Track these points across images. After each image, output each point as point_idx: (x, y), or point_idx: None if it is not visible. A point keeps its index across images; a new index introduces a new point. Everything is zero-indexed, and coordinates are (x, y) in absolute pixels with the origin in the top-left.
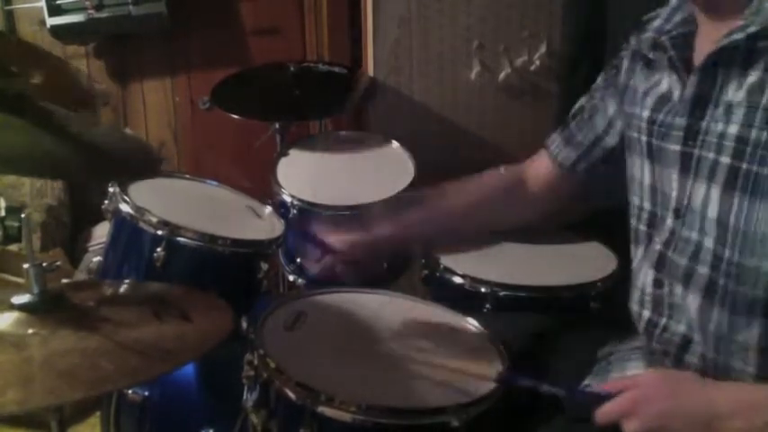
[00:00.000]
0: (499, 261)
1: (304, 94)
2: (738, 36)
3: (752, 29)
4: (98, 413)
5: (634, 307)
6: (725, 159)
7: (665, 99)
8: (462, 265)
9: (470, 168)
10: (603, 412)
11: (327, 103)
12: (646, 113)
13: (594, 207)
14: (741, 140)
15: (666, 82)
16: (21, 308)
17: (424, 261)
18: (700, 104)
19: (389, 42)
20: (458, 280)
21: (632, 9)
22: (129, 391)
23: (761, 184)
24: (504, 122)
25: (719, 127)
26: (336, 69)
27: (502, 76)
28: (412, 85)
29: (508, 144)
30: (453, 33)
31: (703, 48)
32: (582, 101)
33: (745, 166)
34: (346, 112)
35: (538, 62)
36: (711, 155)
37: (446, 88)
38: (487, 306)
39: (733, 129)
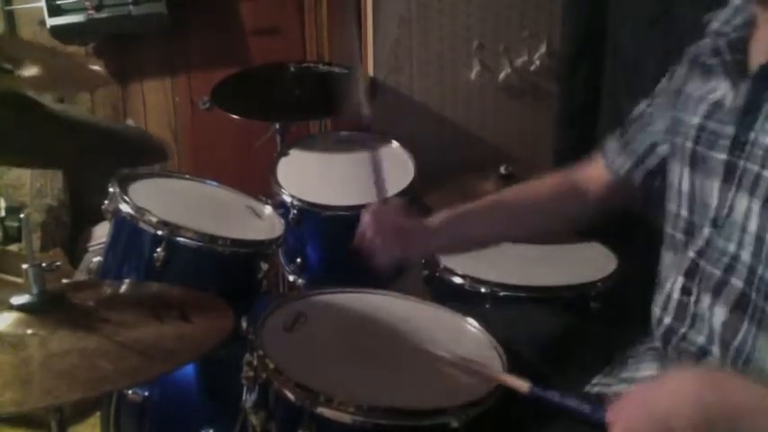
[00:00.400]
0: (499, 261)
1: (304, 94)
2: None
3: None
4: (98, 413)
5: (656, 311)
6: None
7: (718, 106)
8: (462, 265)
9: (470, 168)
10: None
11: (327, 103)
12: (696, 120)
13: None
14: None
15: (721, 88)
16: (20, 308)
17: (424, 261)
18: (750, 114)
19: (389, 42)
20: (458, 280)
21: (632, 9)
22: (129, 391)
23: None
24: (504, 122)
25: (767, 140)
26: (336, 69)
27: (502, 76)
28: (412, 85)
29: (508, 144)
30: (453, 33)
31: (760, 54)
32: (642, 106)
33: None
34: (346, 113)
35: (538, 62)
36: (756, 167)
37: (446, 88)
38: (487, 306)
39: None
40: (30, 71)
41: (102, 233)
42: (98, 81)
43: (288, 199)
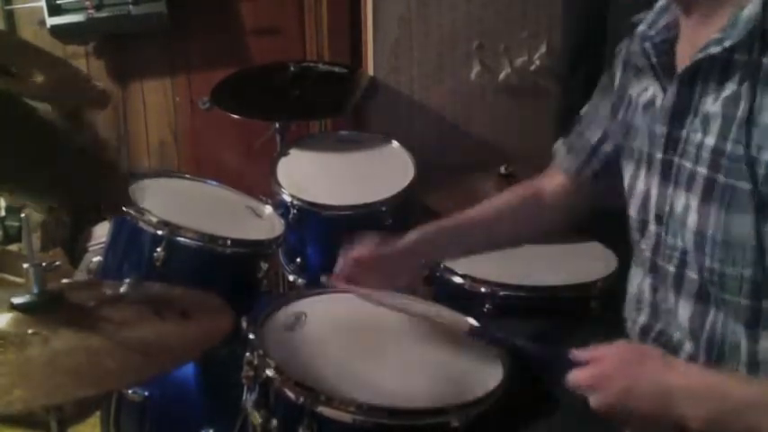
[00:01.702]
0: (499, 261)
1: (304, 94)
2: (714, 49)
3: (728, 42)
4: (98, 413)
5: (630, 313)
6: (702, 170)
7: (650, 106)
8: (462, 265)
9: (470, 168)
10: (571, 380)
11: (327, 103)
12: (640, 121)
13: (594, 207)
14: (717, 152)
15: (651, 89)
16: (21, 308)
17: (424, 261)
18: (679, 113)
19: (389, 42)
20: (458, 280)
21: (632, 9)
22: (129, 391)
23: (737, 196)
24: (504, 122)
25: (698, 137)
26: (336, 69)
27: (502, 76)
28: (412, 85)
29: (508, 144)
30: (453, 33)
31: (685, 55)
32: (583, 109)
33: (721, 178)
34: (346, 113)
35: (538, 62)
36: (689, 164)
37: (446, 88)
38: (487, 306)
39: (710, 140)
40: (35, 78)
41: (102, 233)
42: (101, 101)
43: (288, 199)
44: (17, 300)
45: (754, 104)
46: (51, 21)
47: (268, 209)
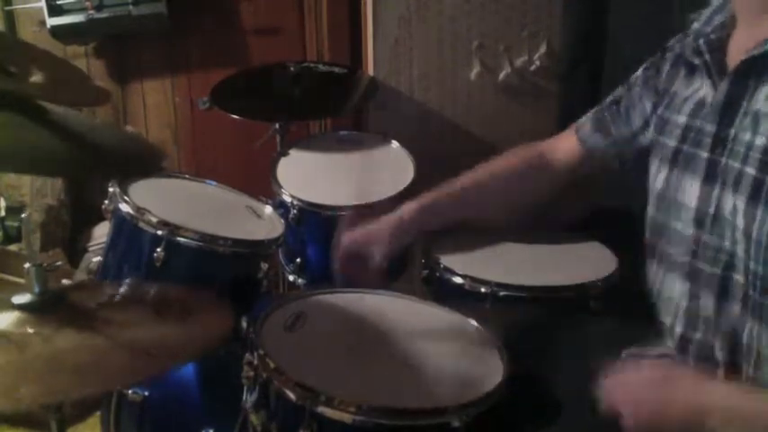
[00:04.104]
0: (499, 261)
1: (304, 94)
2: None
3: None
4: (98, 413)
5: (665, 319)
6: (750, 170)
7: (701, 105)
8: (462, 265)
9: (470, 168)
10: (604, 405)
11: (327, 103)
12: (683, 119)
13: (595, 207)
14: (767, 152)
15: (703, 87)
16: (21, 308)
17: (424, 261)
18: (729, 112)
19: (389, 42)
20: (458, 280)
21: (632, 9)
22: (129, 391)
23: None
24: (504, 122)
25: (747, 136)
26: (336, 69)
27: (502, 76)
28: (412, 84)
29: (508, 144)
30: (453, 33)
31: (738, 54)
32: (619, 91)
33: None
34: (346, 114)
35: (538, 62)
36: (738, 164)
37: (446, 88)
38: (487, 306)
39: (760, 140)
40: (34, 77)
41: (102, 233)
42: (100, 98)
43: (288, 199)
44: (18, 299)
45: None
46: (51, 21)
47: (268, 209)
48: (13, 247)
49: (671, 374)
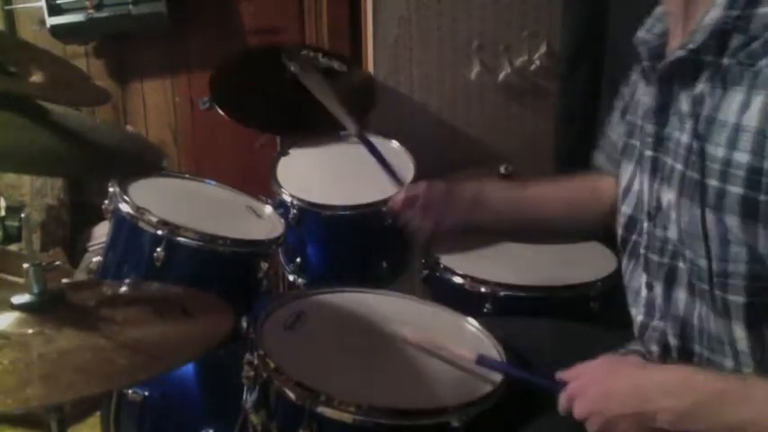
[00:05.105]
0: (499, 261)
1: (304, 98)
2: (681, 53)
3: (691, 45)
4: (98, 413)
5: (631, 311)
6: (679, 166)
7: (646, 108)
8: (462, 265)
9: (470, 169)
10: (560, 405)
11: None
12: (639, 122)
13: None
14: (689, 149)
15: (644, 91)
16: (21, 308)
17: (424, 261)
18: (662, 113)
19: (389, 42)
20: (458, 280)
21: (632, 9)
22: (129, 391)
23: (706, 192)
24: (504, 122)
25: (675, 135)
26: (336, 65)
27: (502, 76)
28: (412, 84)
29: (508, 144)
30: (453, 33)
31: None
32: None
33: (689, 173)
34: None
35: (538, 62)
36: (670, 161)
37: (446, 88)
38: (487, 306)
39: (684, 138)
40: (34, 77)
41: (102, 233)
42: (100, 98)
43: (288, 199)
44: (18, 300)
45: (719, 103)
46: (51, 21)
47: (268, 209)
48: (13, 247)
49: (617, 362)
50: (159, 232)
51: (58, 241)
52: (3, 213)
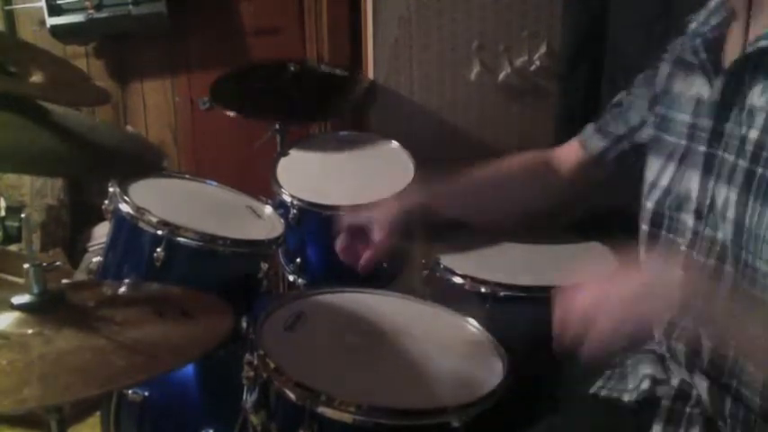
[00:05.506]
0: (499, 261)
1: (304, 94)
2: (764, 43)
3: None
4: (98, 413)
5: None
6: (743, 163)
7: (699, 102)
8: (462, 265)
9: (469, 168)
10: (559, 340)
11: (327, 104)
12: (686, 118)
13: (595, 207)
14: (759, 145)
15: (699, 85)
16: (21, 308)
17: (424, 261)
18: (725, 107)
19: (389, 42)
20: (458, 280)
21: (632, 9)
22: (129, 391)
23: None
24: (504, 122)
25: (742, 130)
26: (337, 71)
27: (502, 76)
28: (412, 85)
29: (508, 144)
30: (453, 33)
31: (734, 51)
32: (621, 95)
33: (760, 170)
34: (344, 116)
35: (538, 62)
36: (732, 158)
37: (446, 88)
38: (487, 306)
39: (753, 133)
40: (34, 77)
41: (102, 233)
42: (100, 98)
43: (288, 199)
44: (18, 300)
45: None
46: (51, 21)
47: (268, 209)
48: (13, 247)
49: (606, 284)
50: (159, 232)
51: (58, 241)
52: (3, 213)
